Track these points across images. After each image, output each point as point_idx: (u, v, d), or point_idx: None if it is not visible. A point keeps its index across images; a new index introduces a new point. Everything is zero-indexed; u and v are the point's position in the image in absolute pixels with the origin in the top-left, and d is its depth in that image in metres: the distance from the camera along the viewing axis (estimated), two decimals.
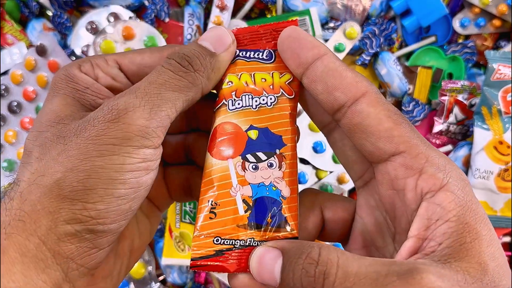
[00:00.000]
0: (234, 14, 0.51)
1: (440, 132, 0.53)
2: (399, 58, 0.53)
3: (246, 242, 0.22)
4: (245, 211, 0.23)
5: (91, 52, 0.47)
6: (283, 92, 0.24)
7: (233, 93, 0.24)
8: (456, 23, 0.54)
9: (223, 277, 0.45)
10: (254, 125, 0.24)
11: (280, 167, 0.23)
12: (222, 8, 0.50)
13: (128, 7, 0.50)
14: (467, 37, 0.56)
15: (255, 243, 0.22)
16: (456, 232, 0.19)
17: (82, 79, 0.24)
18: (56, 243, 0.20)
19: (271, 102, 0.24)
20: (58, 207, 0.20)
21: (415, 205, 0.20)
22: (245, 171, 0.23)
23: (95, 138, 0.20)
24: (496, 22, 0.54)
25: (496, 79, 0.49)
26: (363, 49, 0.51)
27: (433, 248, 0.19)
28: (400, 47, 0.55)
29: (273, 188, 0.23)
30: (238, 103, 0.24)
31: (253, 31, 0.25)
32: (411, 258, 0.20)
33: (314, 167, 0.49)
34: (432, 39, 0.54)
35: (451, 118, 0.52)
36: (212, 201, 0.23)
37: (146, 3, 0.51)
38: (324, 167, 0.49)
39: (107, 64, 0.24)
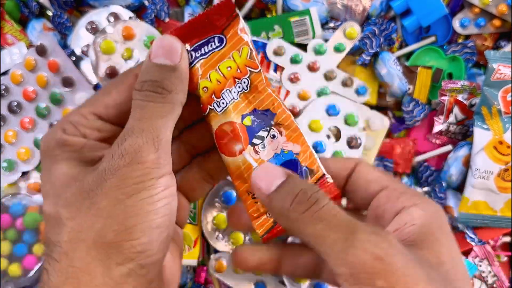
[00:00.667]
0: None
1: (440, 132, 0.53)
2: (399, 58, 0.53)
3: None
4: None
5: (91, 52, 0.47)
6: (250, 69, 0.26)
7: (213, 96, 0.26)
8: (456, 23, 0.54)
9: (223, 277, 0.46)
10: (244, 113, 0.26)
11: (281, 133, 0.26)
12: None
13: (128, 7, 0.50)
14: (467, 37, 0.56)
15: None
16: (420, 232, 0.23)
17: (74, 142, 0.25)
18: (115, 287, 0.22)
19: (246, 86, 0.26)
20: (107, 253, 0.22)
21: (391, 219, 0.24)
22: (258, 153, 0.26)
23: (119, 184, 0.22)
24: (496, 22, 0.54)
25: (496, 79, 0.49)
26: (363, 49, 0.51)
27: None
28: (400, 47, 0.55)
29: (285, 151, 0.26)
30: (222, 103, 0.26)
31: (191, 26, 0.25)
32: None
33: None
34: (432, 39, 0.54)
35: (451, 118, 0.52)
36: (249, 191, 0.26)
37: (146, 3, 0.51)
38: None
39: (87, 119, 0.25)
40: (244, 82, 0.26)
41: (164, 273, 0.26)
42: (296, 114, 0.50)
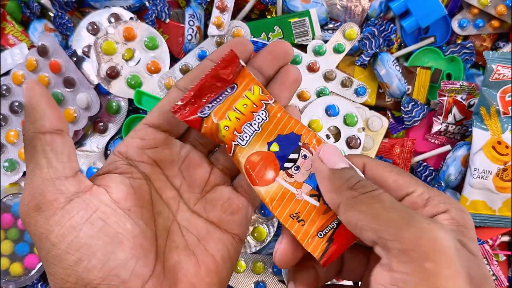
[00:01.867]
0: (234, 15, 0.51)
1: (439, 133, 0.53)
2: (398, 58, 0.53)
3: (337, 219, 0.25)
4: (318, 200, 0.25)
5: (92, 53, 0.47)
6: (264, 102, 0.27)
7: (235, 132, 0.26)
8: (455, 24, 0.55)
9: None
10: (269, 141, 0.26)
11: (312, 152, 0.26)
12: (223, 9, 0.50)
13: (129, 8, 0.50)
14: (466, 37, 0.56)
15: None
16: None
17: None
18: None
19: (265, 116, 0.26)
20: None
21: None
22: (292, 176, 0.26)
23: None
24: (495, 23, 0.54)
25: (495, 79, 0.50)
26: (363, 50, 0.52)
27: None
28: (399, 48, 0.55)
29: None
30: (245, 136, 0.26)
31: (203, 87, 0.26)
32: None
33: None
34: (431, 39, 0.54)
35: (450, 119, 0.52)
36: (292, 215, 0.25)
37: (147, 4, 0.51)
38: None
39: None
40: (262, 114, 0.26)
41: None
42: None
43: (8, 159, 0.49)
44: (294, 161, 0.26)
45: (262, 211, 0.46)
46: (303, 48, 0.51)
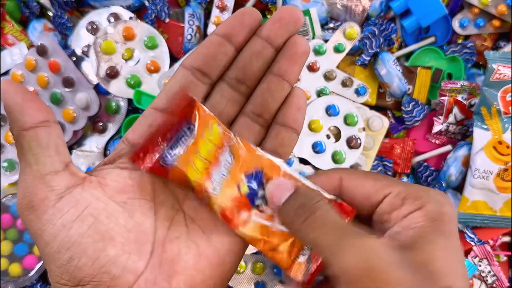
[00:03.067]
0: None
1: (440, 132, 0.53)
2: (398, 58, 0.53)
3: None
4: None
5: (91, 52, 0.47)
6: (227, 142, 0.27)
7: (206, 183, 0.26)
8: (455, 24, 0.54)
9: None
10: (238, 183, 0.26)
11: None
12: (222, 9, 0.50)
13: (128, 8, 0.50)
14: (466, 37, 0.56)
15: None
16: (415, 235, 0.23)
17: None
18: None
19: (231, 160, 0.27)
20: None
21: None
22: (263, 211, 0.26)
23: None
24: (496, 23, 0.54)
25: (496, 79, 0.49)
26: (363, 50, 0.51)
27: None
28: (400, 47, 0.55)
29: None
30: (216, 185, 0.26)
31: (159, 130, 0.26)
32: None
33: (314, 167, 0.50)
34: (432, 39, 0.54)
35: (451, 119, 0.52)
36: (272, 249, 0.26)
37: (147, 3, 0.51)
38: (324, 167, 0.49)
39: None
40: (228, 158, 0.26)
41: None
42: None
43: (8, 159, 0.49)
44: (262, 197, 0.27)
45: None
46: None
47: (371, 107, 0.52)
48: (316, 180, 0.27)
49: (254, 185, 0.27)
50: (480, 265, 0.52)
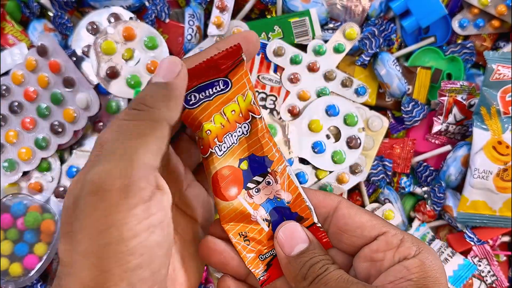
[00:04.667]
0: (234, 15, 0.51)
1: (439, 133, 0.53)
2: (398, 58, 0.53)
3: None
4: (268, 226, 0.27)
5: (91, 53, 0.47)
6: (252, 114, 0.26)
7: (215, 139, 0.26)
8: (455, 24, 0.55)
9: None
10: (242, 157, 0.26)
11: (276, 181, 0.26)
12: (222, 9, 0.50)
13: (128, 8, 0.50)
14: (466, 37, 0.56)
15: None
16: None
17: None
18: None
19: (246, 131, 0.26)
20: None
21: (389, 266, 0.24)
22: (252, 197, 0.26)
23: (90, 219, 0.20)
24: (495, 23, 0.54)
25: (495, 79, 0.50)
26: (363, 50, 0.51)
27: None
28: (400, 47, 0.55)
29: (278, 199, 0.27)
30: (224, 147, 0.26)
31: (196, 69, 0.25)
32: None
33: (314, 167, 0.50)
34: (431, 39, 0.54)
35: (450, 119, 0.52)
36: (241, 233, 0.26)
37: (147, 3, 0.51)
38: (324, 167, 0.49)
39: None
40: (245, 127, 0.26)
41: None
42: (295, 114, 0.50)
43: (8, 159, 0.49)
44: (257, 183, 0.26)
45: None
46: (303, 48, 0.51)
47: (371, 107, 0.52)
48: (313, 197, 0.27)
49: (256, 168, 0.26)
50: (479, 265, 0.52)
